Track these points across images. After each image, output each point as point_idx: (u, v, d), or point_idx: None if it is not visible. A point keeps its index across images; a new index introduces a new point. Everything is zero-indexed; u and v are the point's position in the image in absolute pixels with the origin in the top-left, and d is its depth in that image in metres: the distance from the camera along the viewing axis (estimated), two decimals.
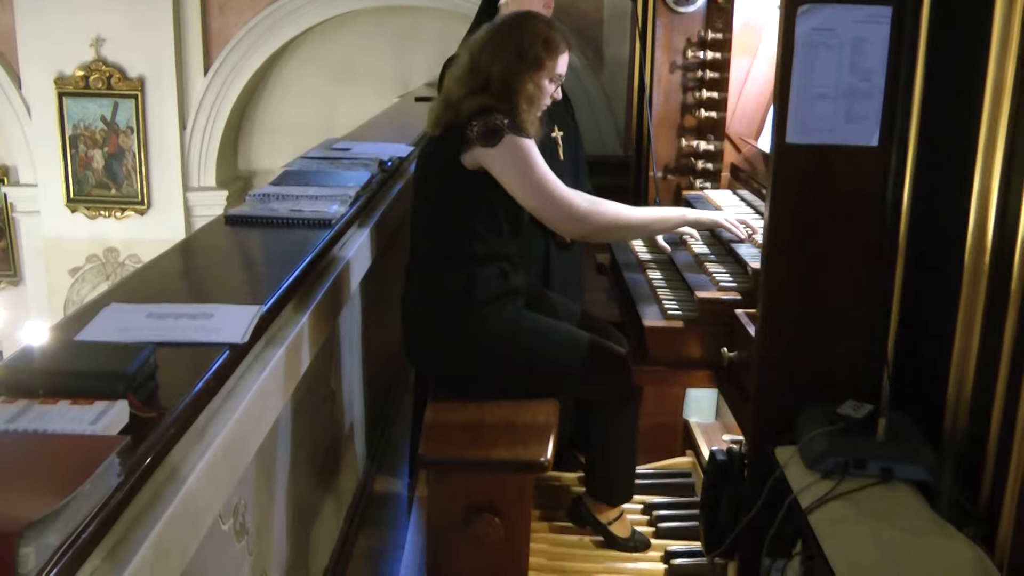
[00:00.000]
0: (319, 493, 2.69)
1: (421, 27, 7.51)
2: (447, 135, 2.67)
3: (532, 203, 2.65)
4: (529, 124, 2.67)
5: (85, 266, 7.69)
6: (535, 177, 2.60)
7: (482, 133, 2.57)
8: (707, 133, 3.54)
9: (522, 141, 2.60)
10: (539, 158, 2.62)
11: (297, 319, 2.25)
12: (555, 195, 2.62)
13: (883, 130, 1.90)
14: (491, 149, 2.57)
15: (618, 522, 3.07)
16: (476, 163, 2.62)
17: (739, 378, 2.28)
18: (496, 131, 2.57)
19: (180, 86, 7.46)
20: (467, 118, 2.62)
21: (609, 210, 2.70)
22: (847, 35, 1.85)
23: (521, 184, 2.61)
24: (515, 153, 2.58)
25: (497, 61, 2.65)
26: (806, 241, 1.95)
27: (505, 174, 2.60)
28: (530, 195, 2.62)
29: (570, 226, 2.69)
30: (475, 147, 2.59)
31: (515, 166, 2.59)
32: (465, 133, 2.60)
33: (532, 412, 2.58)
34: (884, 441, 1.85)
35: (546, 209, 2.65)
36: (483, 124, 2.58)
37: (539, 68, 2.67)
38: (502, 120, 2.60)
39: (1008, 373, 1.63)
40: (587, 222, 2.66)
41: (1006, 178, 1.65)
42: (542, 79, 2.69)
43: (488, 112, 2.61)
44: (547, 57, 2.68)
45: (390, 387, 4.03)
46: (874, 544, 1.62)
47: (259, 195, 3.07)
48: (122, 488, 1.27)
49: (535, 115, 2.72)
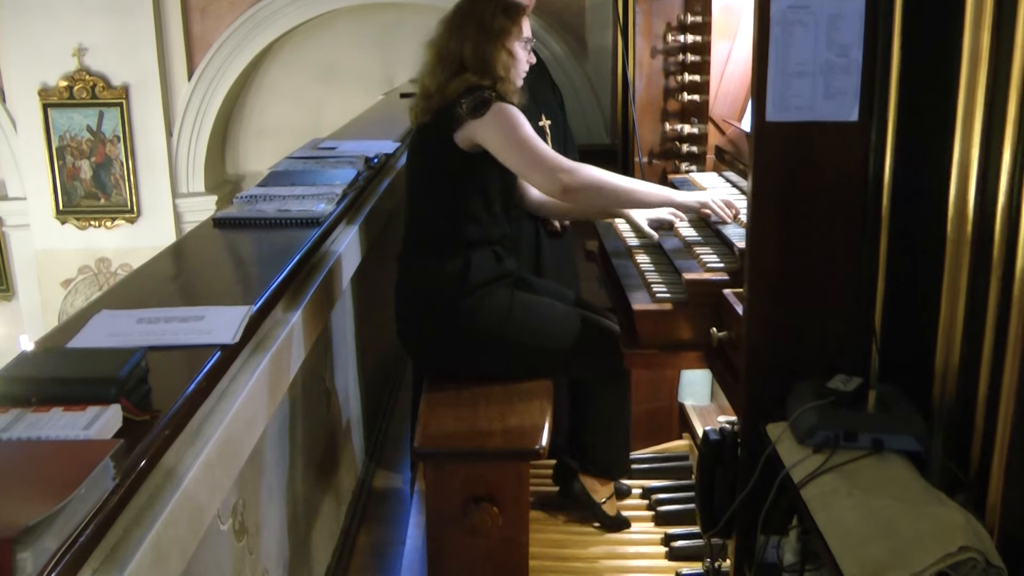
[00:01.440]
0: (319, 491, 2.71)
1: (404, 23, 7.50)
2: (437, 119, 2.74)
3: (518, 162, 2.70)
4: (511, 92, 2.75)
5: (77, 277, 7.68)
6: (520, 137, 2.66)
7: (472, 107, 2.66)
8: (691, 116, 3.55)
9: (509, 107, 2.68)
10: (525, 121, 2.69)
11: (288, 318, 2.26)
12: (539, 152, 2.68)
13: (862, 104, 1.90)
14: (480, 119, 2.65)
15: (609, 502, 3.13)
16: (469, 140, 2.69)
17: (729, 357, 2.29)
18: (485, 102, 2.66)
19: (165, 93, 7.45)
20: (456, 98, 2.68)
21: (594, 170, 2.75)
22: (822, 12, 1.86)
23: (507, 145, 2.67)
24: (500, 117, 2.66)
25: (465, 42, 2.73)
26: (790, 218, 1.96)
27: (493, 138, 2.67)
28: (515, 154, 2.68)
29: (556, 180, 2.69)
30: (467, 122, 2.66)
31: (500, 129, 2.66)
32: (455, 112, 2.67)
33: (526, 400, 2.60)
34: (874, 413, 1.86)
35: (532, 166, 2.69)
36: (472, 99, 2.67)
37: (506, 35, 2.75)
38: (490, 92, 2.68)
39: (993, 340, 1.64)
40: (573, 175, 2.68)
41: (985, 147, 1.66)
42: (512, 44, 2.76)
43: (475, 89, 2.69)
44: (510, 22, 2.76)
45: (387, 382, 4.05)
46: (866, 514, 1.63)
47: (246, 197, 3.08)
48: (118, 491, 1.28)
49: (516, 82, 2.79)
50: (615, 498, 3.17)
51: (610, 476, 3.14)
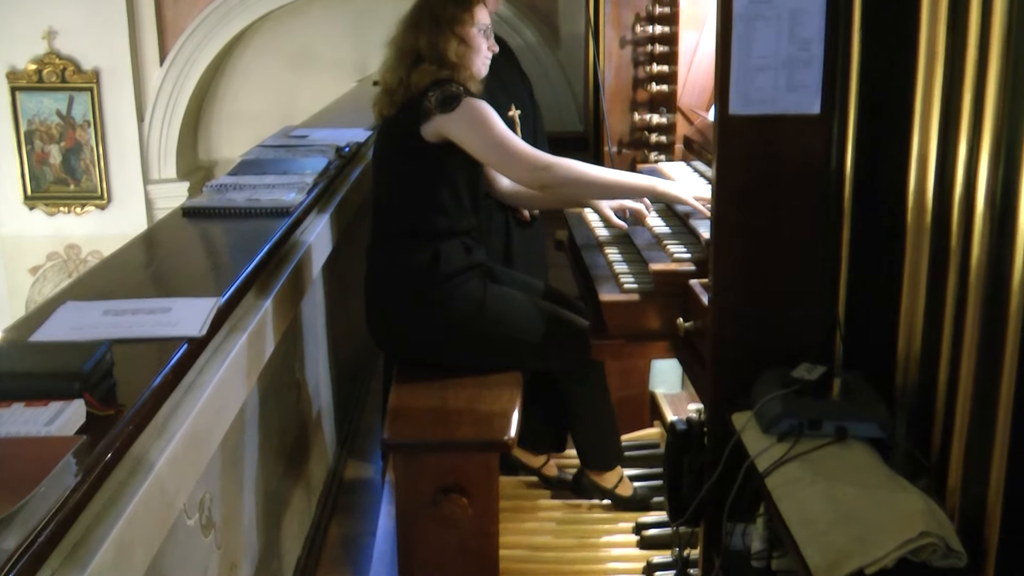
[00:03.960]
0: (289, 482, 2.71)
1: (377, 10, 7.43)
2: (404, 111, 2.72)
3: (495, 159, 2.71)
4: (470, 80, 2.74)
5: (46, 264, 7.60)
6: (495, 133, 2.66)
7: (440, 101, 2.64)
8: (659, 106, 3.56)
9: (479, 103, 2.67)
10: (496, 117, 2.69)
11: (257, 308, 2.26)
12: (516, 148, 2.69)
13: (824, 98, 1.93)
14: (451, 114, 2.64)
15: (621, 484, 3.15)
16: (437, 133, 2.67)
17: (696, 347, 2.31)
18: (454, 97, 2.64)
19: (136, 77, 7.36)
20: (423, 91, 2.67)
21: (573, 164, 2.75)
22: (784, 6, 1.87)
23: (483, 142, 2.66)
24: (473, 114, 2.65)
25: (420, 34, 2.73)
26: (754, 209, 1.98)
27: (466, 135, 2.66)
28: (492, 152, 2.68)
29: (536, 175, 2.71)
30: (435, 116, 2.65)
31: (474, 126, 2.65)
32: (423, 105, 2.66)
33: (495, 390, 2.60)
34: (838, 401, 1.89)
35: (510, 163, 2.70)
36: (440, 93, 2.65)
37: (457, 22, 2.73)
38: (458, 87, 2.67)
39: (952, 327, 1.67)
40: (552, 170, 2.70)
41: (943, 139, 1.69)
42: (466, 31, 2.74)
43: (442, 83, 2.68)
44: (460, 10, 2.75)
45: (358, 372, 4.04)
46: (828, 502, 1.65)
47: (216, 186, 3.07)
48: (80, 488, 1.28)
49: (474, 70, 2.78)
50: (625, 479, 3.18)
51: (610, 467, 3.14)
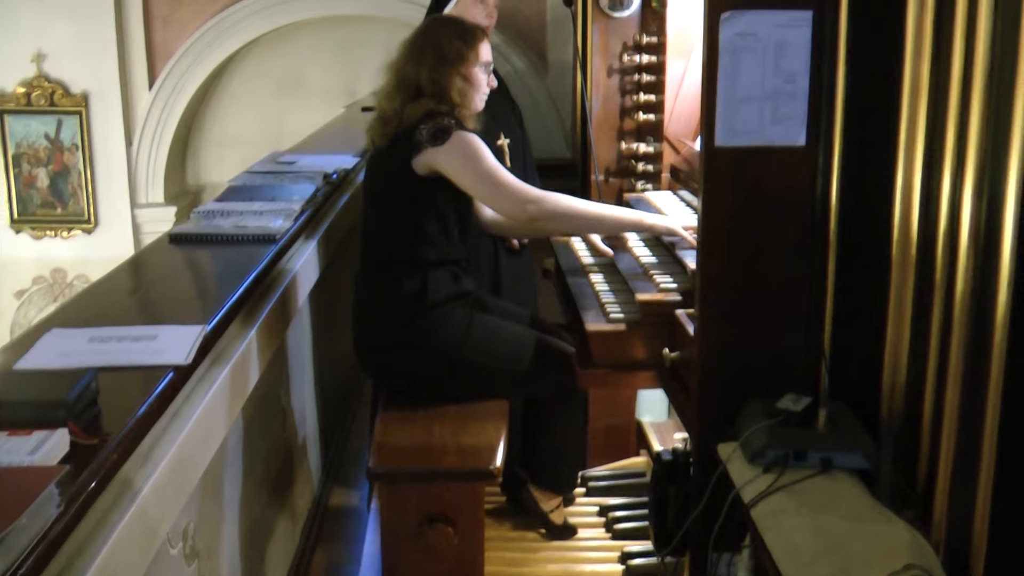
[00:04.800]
0: (273, 510, 2.69)
1: (366, 36, 7.48)
2: (396, 143, 2.73)
3: (484, 193, 2.71)
4: (468, 118, 2.75)
5: (31, 288, 7.56)
6: (484, 167, 2.66)
7: (431, 134, 2.64)
8: (646, 135, 3.58)
9: (470, 136, 2.68)
10: (487, 150, 2.69)
11: (243, 336, 2.25)
12: (506, 182, 2.69)
13: (809, 130, 1.94)
14: (441, 147, 2.64)
15: (556, 511, 3.15)
16: (427, 166, 2.67)
17: (682, 377, 2.31)
18: (445, 130, 2.64)
19: (125, 101, 7.35)
20: (415, 124, 2.67)
21: (561, 198, 2.76)
22: (770, 39, 1.89)
23: (472, 176, 2.66)
24: (464, 148, 2.65)
25: (422, 67, 2.72)
26: (739, 240, 1.99)
27: (456, 169, 2.66)
28: (481, 186, 2.68)
29: (524, 210, 2.71)
30: (425, 149, 2.64)
31: (464, 159, 2.65)
32: (414, 138, 2.66)
33: (481, 420, 2.60)
34: (823, 432, 1.89)
35: (498, 197, 2.70)
36: (432, 126, 2.65)
37: (462, 60, 2.74)
38: (450, 120, 2.67)
39: (937, 358, 1.68)
40: (540, 204, 2.70)
41: (927, 172, 1.70)
42: (470, 69, 2.76)
43: (434, 115, 2.68)
44: (467, 48, 2.75)
45: (345, 398, 4.03)
46: (813, 533, 1.65)
47: (203, 212, 3.07)
48: (62, 519, 1.26)
49: (473, 108, 2.79)
50: (562, 507, 3.18)
51: (558, 492, 3.15)
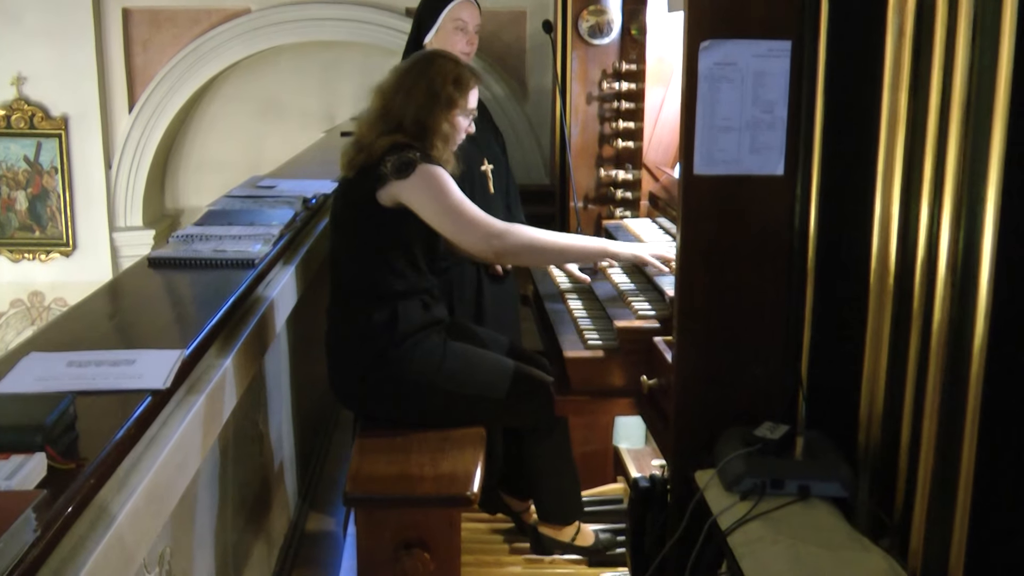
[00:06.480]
0: (250, 535, 2.67)
1: (345, 61, 7.50)
2: (361, 175, 2.70)
3: (448, 226, 2.68)
4: (445, 161, 2.73)
5: (9, 311, 7.50)
6: (449, 201, 2.64)
7: (396, 167, 2.62)
8: (625, 162, 3.61)
9: (435, 169, 2.65)
10: (452, 184, 2.67)
11: (221, 361, 2.25)
12: (470, 216, 2.67)
13: (787, 159, 1.97)
14: (405, 180, 2.62)
15: (580, 535, 3.12)
16: (392, 199, 2.65)
17: (659, 404, 2.32)
18: (409, 163, 2.62)
19: (104, 125, 7.33)
20: (380, 156, 2.65)
21: (526, 231, 2.75)
22: (749, 69, 1.92)
23: (436, 209, 2.64)
24: (428, 181, 2.63)
25: (410, 103, 2.70)
26: (717, 268, 2.00)
27: (419, 202, 2.64)
28: (445, 219, 2.66)
29: (488, 244, 2.70)
30: (390, 182, 2.63)
31: (429, 192, 2.63)
32: (379, 170, 2.64)
33: (458, 446, 2.59)
34: (800, 460, 1.90)
35: (462, 231, 2.68)
36: (396, 159, 2.63)
37: (452, 106, 2.73)
38: (415, 153, 2.65)
39: (914, 387, 1.69)
40: (504, 240, 2.69)
41: (905, 203, 1.73)
42: (455, 116, 2.74)
43: (401, 148, 2.66)
44: (459, 95, 2.73)
45: (322, 422, 4.01)
46: (791, 561, 1.66)
47: (182, 236, 3.06)
48: (39, 543, 1.26)
49: (451, 151, 2.77)
50: (583, 528, 3.15)
51: (567, 522, 3.11)
